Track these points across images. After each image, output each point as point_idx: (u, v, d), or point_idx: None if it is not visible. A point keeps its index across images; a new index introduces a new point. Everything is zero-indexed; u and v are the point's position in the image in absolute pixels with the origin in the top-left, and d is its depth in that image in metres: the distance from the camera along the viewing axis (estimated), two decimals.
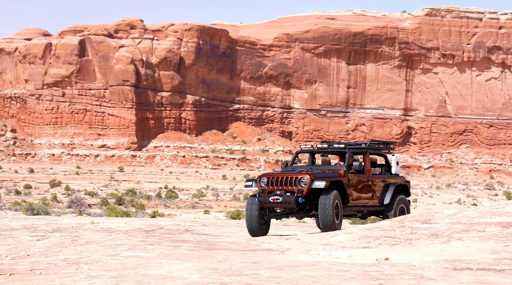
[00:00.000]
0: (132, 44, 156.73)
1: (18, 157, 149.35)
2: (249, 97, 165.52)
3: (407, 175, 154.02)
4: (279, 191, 16.48)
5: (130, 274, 9.33)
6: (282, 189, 16.48)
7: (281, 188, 16.50)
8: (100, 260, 11.18)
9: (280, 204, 16.43)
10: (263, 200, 16.56)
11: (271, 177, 16.79)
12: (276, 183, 16.59)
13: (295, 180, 16.48)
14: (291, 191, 16.42)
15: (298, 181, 16.42)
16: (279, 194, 16.42)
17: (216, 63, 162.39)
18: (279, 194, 16.43)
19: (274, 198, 16.37)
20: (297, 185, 16.41)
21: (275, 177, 16.74)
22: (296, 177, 16.52)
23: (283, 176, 16.65)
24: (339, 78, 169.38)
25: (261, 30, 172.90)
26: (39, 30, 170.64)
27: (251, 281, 8.49)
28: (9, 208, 41.44)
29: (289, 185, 16.47)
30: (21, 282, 9.24)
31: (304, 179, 16.37)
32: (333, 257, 11.33)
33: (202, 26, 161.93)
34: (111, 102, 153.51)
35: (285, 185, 16.50)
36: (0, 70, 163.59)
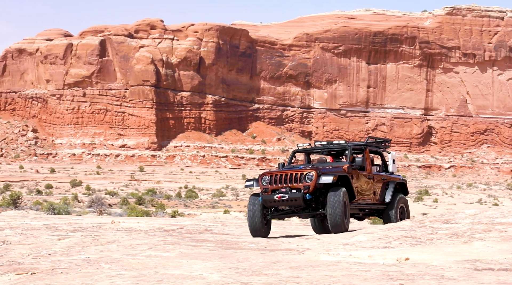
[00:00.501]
0: (152, 44, 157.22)
1: (39, 157, 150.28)
2: (268, 97, 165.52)
3: (428, 175, 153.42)
4: (284, 188, 15.79)
5: (150, 274, 9.36)
6: (287, 187, 15.78)
7: (286, 186, 15.80)
8: (121, 260, 11.22)
9: (286, 202, 15.72)
10: (267, 199, 15.85)
11: (274, 175, 16.03)
12: (280, 181, 15.88)
13: (300, 176, 15.75)
14: (296, 188, 15.73)
15: (304, 177, 15.71)
16: (285, 192, 15.72)
17: (236, 63, 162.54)
18: (284, 191, 15.74)
19: (279, 196, 15.66)
20: (302, 181, 15.71)
21: (278, 175, 15.97)
22: (301, 173, 15.81)
23: (287, 173, 15.92)
24: (359, 78, 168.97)
25: (281, 30, 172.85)
26: (60, 31, 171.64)
27: (271, 281, 8.48)
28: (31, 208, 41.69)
29: (294, 182, 15.76)
30: (43, 281, 9.29)
31: (310, 174, 15.67)
32: (353, 257, 11.30)
33: (222, 26, 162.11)
34: (131, 102, 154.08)
35: (290, 182, 15.80)
36: (21, 70, 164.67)
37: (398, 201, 17.53)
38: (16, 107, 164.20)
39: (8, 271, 10.51)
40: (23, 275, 10.13)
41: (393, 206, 17.40)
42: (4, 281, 9.64)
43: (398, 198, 17.58)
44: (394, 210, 17.38)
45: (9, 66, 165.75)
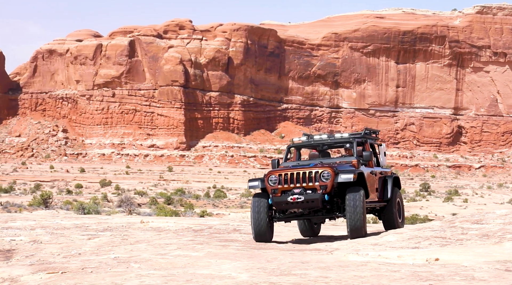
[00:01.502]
0: (181, 44, 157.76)
1: (69, 157, 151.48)
2: (297, 97, 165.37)
3: (458, 175, 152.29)
4: (298, 189, 14.29)
5: (179, 273, 9.39)
6: (300, 187, 14.29)
7: (300, 186, 14.31)
8: (150, 259, 11.27)
9: (302, 204, 14.22)
10: (279, 202, 14.33)
11: (283, 174, 14.48)
12: (291, 181, 14.37)
13: (315, 175, 14.28)
14: (311, 188, 14.29)
15: (320, 176, 14.26)
16: (299, 193, 14.22)
17: (264, 63, 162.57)
18: (299, 192, 14.23)
19: (294, 197, 14.17)
20: (318, 181, 14.25)
21: (288, 174, 14.45)
22: (316, 172, 14.32)
23: (299, 172, 14.41)
24: (388, 77, 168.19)
25: (309, 30, 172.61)
26: (90, 31, 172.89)
27: (300, 281, 8.47)
28: (61, 207, 42.02)
29: (308, 182, 14.28)
30: (73, 280, 9.35)
31: (326, 173, 14.25)
32: (382, 257, 11.25)
33: (251, 26, 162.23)
34: (160, 102, 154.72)
35: (303, 181, 14.31)
36: (52, 71, 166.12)
37: (396, 196, 16.29)
38: (47, 108, 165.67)
39: (39, 270, 10.60)
40: (54, 274, 10.21)
41: (392, 203, 16.10)
42: (35, 280, 9.74)
43: (396, 193, 16.34)
44: (395, 207, 16.13)
45: (39, 67, 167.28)
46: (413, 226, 15.63)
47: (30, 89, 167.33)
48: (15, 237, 15.62)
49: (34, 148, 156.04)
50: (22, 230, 17.17)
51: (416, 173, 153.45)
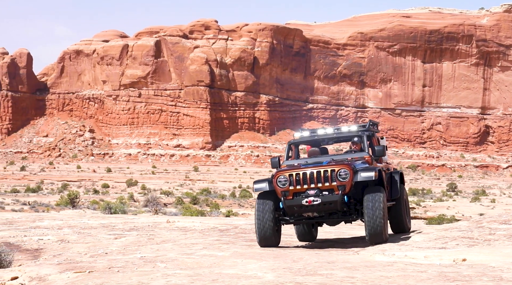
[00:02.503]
0: (207, 44, 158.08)
1: (96, 157, 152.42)
2: (322, 97, 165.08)
3: (485, 175, 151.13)
4: (313, 190, 12.87)
5: (205, 273, 9.41)
6: (315, 188, 12.88)
7: (315, 187, 12.89)
8: (176, 259, 11.31)
9: (319, 207, 12.84)
10: (292, 205, 12.94)
11: (294, 174, 13.01)
12: (303, 181, 12.94)
13: (332, 174, 12.87)
14: (328, 189, 12.90)
15: (337, 175, 12.85)
16: (315, 195, 12.83)
17: (290, 62, 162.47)
18: (314, 194, 12.83)
19: (310, 200, 12.77)
20: (335, 180, 12.86)
21: (300, 173, 12.99)
22: (333, 170, 12.90)
23: (313, 171, 12.93)
24: (414, 77, 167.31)
25: (335, 29, 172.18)
26: (116, 32, 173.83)
27: (326, 281, 8.45)
28: (88, 207, 42.30)
29: (324, 182, 12.87)
30: (100, 279, 9.40)
31: (343, 171, 12.84)
32: (408, 258, 11.20)
33: (276, 26, 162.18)
34: (186, 102, 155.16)
35: (318, 182, 12.89)
36: (79, 71, 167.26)
37: (404, 194, 15.05)
38: (74, 108, 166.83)
39: (66, 269, 10.68)
40: (81, 274, 10.27)
41: (401, 201, 14.75)
42: (62, 279, 9.81)
43: (403, 191, 15.06)
44: (402, 206, 14.81)
45: (66, 67, 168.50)
46: (440, 226, 15.54)
47: (57, 90, 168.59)
48: (43, 237, 15.74)
49: (61, 148, 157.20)
50: (49, 230, 17.30)
51: (443, 173, 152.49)
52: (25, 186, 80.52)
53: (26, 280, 10.41)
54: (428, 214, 44.22)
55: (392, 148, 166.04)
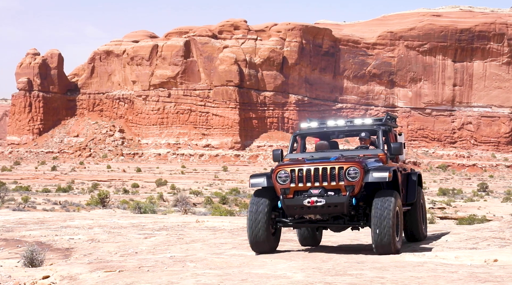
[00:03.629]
0: (236, 44, 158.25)
1: (126, 157, 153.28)
2: (352, 96, 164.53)
3: None
4: (316, 189, 11.35)
5: (234, 273, 9.41)
6: (320, 187, 11.36)
7: (319, 186, 11.36)
8: (205, 258, 11.33)
9: (322, 209, 11.32)
10: (292, 205, 11.43)
11: (296, 170, 11.48)
12: (307, 178, 11.40)
13: (339, 172, 11.33)
14: (334, 189, 11.36)
15: (345, 173, 11.33)
16: (319, 195, 11.30)
17: (319, 62, 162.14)
18: (318, 194, 11.31)
19: (312, 200, 11.24)
20: (343, 180, 11.32)
21: (304, 169, 11.44)
22: (341, 168, 11.35)
23: (318, 167, 11.41)
24: (445, 76, 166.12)
25: (365, 29, 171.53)
26: (146, 32, 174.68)
27: (356, 281, 8.42)
28: (118, 207, 42.54)
29: (330, 180, 11.33)
30: (130, 278, 9.45)
31: (353, 169, 11.32)
32: (439, 258, 11.12)
33: (305, 26, 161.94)
34: (215, 102, 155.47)
35: (323, 180, 11.37)
36: (109, 72, 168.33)
37: (420, 198, 13.70)
38: (104, 108, 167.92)
39: (97, 268, 10.74)
40: (111, 273, 10.33)
41: (417, 206, 13.41)
42: (93, 278, 9.87)
43: (421, 194, 13.78)
44: (418, 212, 13.43)
45: (97, 67, 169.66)
46: (471, 227, 15.41)
47: (88, 90, 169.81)
48: (74, 236, 15.86)
49: (92, 148, 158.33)
50: (80, 229, 17.43)
51: (474, 173, 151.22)
52: (56, 186, 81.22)
53: (57, 279, 10.49)
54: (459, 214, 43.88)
55: (422, 148, 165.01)
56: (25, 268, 11.74)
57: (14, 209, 38.48)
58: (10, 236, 16.08)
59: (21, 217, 21.87)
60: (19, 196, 55.98)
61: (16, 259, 12.68)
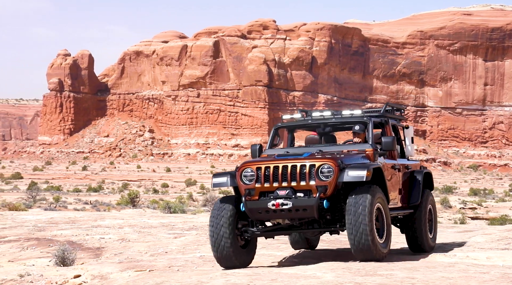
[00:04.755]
0: (265, 44, 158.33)
1: (155, 157, 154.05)
2: (381, 96, 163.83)
3: None
4: (284, 190, 9.84)
5: (264, 272, 9.41)
6: (288, 187, 9.86)
7: (287, 186, 9.87)
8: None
9: (289, 213, 9.84)
10: (255, 208, 9.92)
11: (263, 168, 10.00)
12: (274, 177, 9.92)
13: (310, 170, 9.84)
14: (304, 190, 9.86)
15: (317, 172, 9.82)
16: (286, 196, 9.78)
17: (348, 62, 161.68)
18: (285, 195, 9.79)
19: (277, 203, 9.72)
20: (314, 178, 9.82)
21: (271, 167, 9.96)
22: (312, 165, 9.85)
23: (286, 165, 9.92)
24: (476, 75, 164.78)
25: (394, 28, 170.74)
26: (176, 33, 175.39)
27: (386, 282, 8.38)
28: (148, 206, 42.76)
29: (300, 180, 9.84)
30: (160, 278, 9.49)
31: (326, 167, 9.82)
32: (470, 259, 11.03)
33: (334, 25, 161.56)
34: (244, 102, 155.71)
35: (292, 179, 9.88)
36: (138, 72, 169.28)
37: (426, 201, 11.96)
38: (134, 108, 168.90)
39: (127, 268, 10.80)
40: (142, 272, 10.39)
41: (421, 210, 11.75)
42: (123, 278, 9.93)
43: (427, 197, 12.03)
44: (423, 215, 11.75)
45: (127, 68, 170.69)
46: (502, 227, 15.28)
47: (118, 90, 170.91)
48: (104, 235, 15.97)
49: (122, 148, 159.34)
50: (110, 229, 17.54)
51: (505, 172, 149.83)
52: (87, 186, 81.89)
53: (88, 278, 10.58)
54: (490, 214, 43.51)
55: (453, 148, 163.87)
56: (57, 267, 11.85)
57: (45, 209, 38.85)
58: (42, 235, 16.24)
59: (52, 216, 22.07)
60: (50, 195, 56.50)
61: (47, 258, 12.80)
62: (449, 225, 24.75)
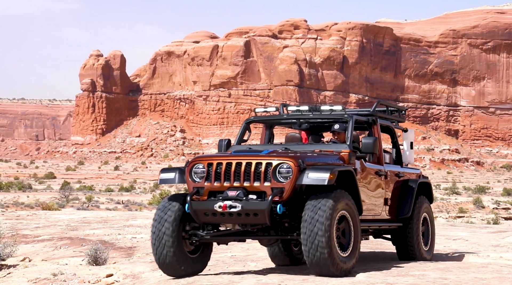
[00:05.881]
0: (296, 44, 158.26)
1: (186, 157, 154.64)
2: (413, 95, 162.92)
3: None
4: (234, 190, 8.48)
5: (295, 272, 9.41)
6: (239, 187, 8.50)
7: (239, 185, 8.52)
8: (266, 258, 11.34)
9: (238, 217, 8.48)
10: (200, 209, 8.59)
11: (214, 164, 8.66)
12: (226, 176, 8.60)
13: (267, 169, 8.46)
14: (257, 192, 8.49)
15: (273, 171, 8.45)
16: (236, 197, 8.44)
17: (380, 61, 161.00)
18: (235, 196, 8.44)
19: (225, 205, 8.37)
20: (270, 179, 8.44)
21: (224, 163, 8.62)
22: (268, 163, 8.48)
23: (240, 162, 8.57)
24: (509, 74, 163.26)
25: (426, 27, 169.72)
26: (207, 33, 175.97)
27: (418, 282, 8.33)
28: None
29: (254, 180, 8.48)
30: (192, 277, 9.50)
31: (285, 166, 8.43)
32: (504, 259, 10.93)
33: (366, 25, 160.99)
34: (275, 102, 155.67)
35: (245, 178, 8.52)
36: (170, 72, 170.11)
37: (420, 212, 10.66)
38: (165, 108, 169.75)
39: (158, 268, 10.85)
40: None
41: (413, 223, 10.47)
42: (155, 277, 9.98)
43: (422, 208, 10.74)
44: (415, 230, 10.48)
45: (158, 68, 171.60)
46: None
47: (150, 90, 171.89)
48: (136, 235, 16.06)
49: (153, 148, 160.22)
50: (142, 228, 17.64)
51: None
52: (119, 185, 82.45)
53: (120, 277, 10.64)
54: None
55: (486, 148, 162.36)
56: (89, 266, 11.94)
57: (78, 208, 39.20)
58: (74, 235, 16.38)
59: (85, 216, 22.26)
60: (83, 195, 56.98)
61: (80, 257, 12.90)
62: (482, 225, 24.54)
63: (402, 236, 10.48)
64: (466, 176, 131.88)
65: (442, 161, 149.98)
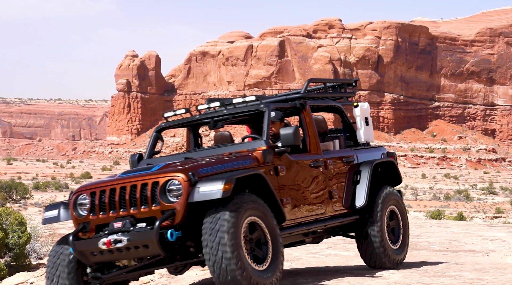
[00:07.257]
0: (331, 43, 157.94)
1: None
2: (449, 95, 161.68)
3: None
4: (121, 220, 6.95)
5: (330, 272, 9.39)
6: (126, 215, 6.99)
7: (126, 214, 6.99)
8: (301, 258, 11.33)
9: (128, 252, 6.95)
10: (86, 251, 7.07)
11: (98, 191, 7.15)
12: (111, 204, 7.08)
13: (153, 190, 6.96)
14: (146, 218, 6.96)
15: (161, 191, 6.93)
16: (123, 229, 6.90)
17: (415, 60, 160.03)
18: (121, 227, 6.91)
19: (108, 240, 6.84)
20: (158, 201, 6.90)
21: (107, 190, 7.10)
22: (155, 182, 6.96)
23: (125, 185, 7.05)
24: None
25: (463, 26, 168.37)
26: (241, 33, 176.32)
27: (454, 283, 8.26)
28: None
29: (140, 204, 6.96)
30: None
31: (176, 183, 6.90)
32: None
33: (401, 24, 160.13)
34: None
35: (131, 205, 7.00)
36: (204, 72, 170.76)
37: (383, 201, 8.96)
38: None
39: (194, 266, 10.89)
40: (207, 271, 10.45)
41: (374, 213, 8.87)
42: (190, 276, 10.01)
43: (383, 195, 9.01)
44: (378, 220, 8.84)
45: (193, 68, 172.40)
46: None
47: (184, 90, 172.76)
48: None
49: None
50: None
51: None
52: None
53: (156, 276, 10.70)
54: None
55: None
56: None
57: None
58: None
59: None
60: None
61: None
62: None
63: (361, 231, 8.92)
64: (503, 176, 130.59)
65: (478, 161, 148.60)
